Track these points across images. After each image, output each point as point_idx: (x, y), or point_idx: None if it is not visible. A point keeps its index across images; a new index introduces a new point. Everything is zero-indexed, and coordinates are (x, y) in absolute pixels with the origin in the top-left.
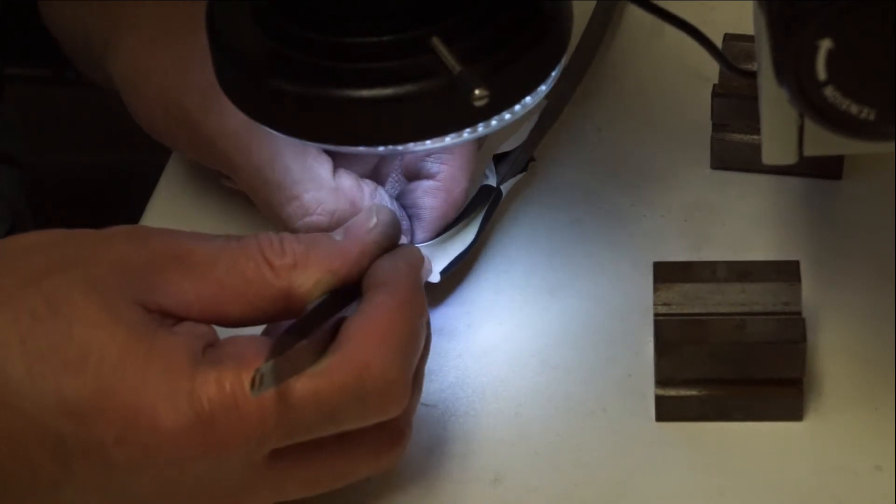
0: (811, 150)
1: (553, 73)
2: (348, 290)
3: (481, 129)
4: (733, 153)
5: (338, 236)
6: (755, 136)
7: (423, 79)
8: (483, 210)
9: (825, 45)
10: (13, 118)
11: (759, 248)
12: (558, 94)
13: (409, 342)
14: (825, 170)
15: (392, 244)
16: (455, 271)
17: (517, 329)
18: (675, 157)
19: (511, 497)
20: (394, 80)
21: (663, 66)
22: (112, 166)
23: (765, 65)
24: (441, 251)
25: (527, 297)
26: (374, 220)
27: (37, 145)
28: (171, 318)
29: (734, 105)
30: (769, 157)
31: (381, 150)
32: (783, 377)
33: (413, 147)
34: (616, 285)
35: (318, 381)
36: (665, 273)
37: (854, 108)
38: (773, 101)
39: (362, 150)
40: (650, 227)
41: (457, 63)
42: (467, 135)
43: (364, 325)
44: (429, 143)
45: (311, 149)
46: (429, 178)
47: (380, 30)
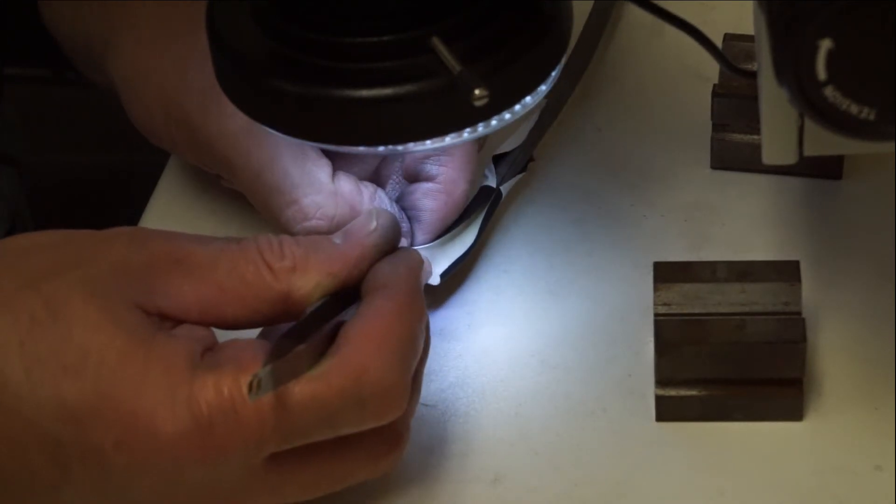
0: (811, 150)
1: (553, 73)
2: (347, 294)
3: (481, 129)
4: (733, 153)
5: (337, 239)
6: (755, 136)
7: (423, 79)
8: (483, 211)
9: (825, 45)
10: (13, 118)
11: (759, 248)
12: (558, 94)
13: (408, 346)
14: (825, 170)
15: (392, 247)
16: (455, 272)
17: (517, 329)
18: (675, 157)
19: (511, 497)
20: (394, 80)
21: (663, 66)
22: (112, 166)
23: (765, 65)
24: (441, 253)
25: (527, 297)
26: (374, 224)
27: (37, 145)
28: (169, 320)
29: (734, 105)
30: (769, 157)
31: (381, 150)
32: (783, 377)
33: (413, 147)
34: (616, 285)
35: (317, 385)
36: (665, 273)
37: (854, 108)
38: (773, 101)
39: (362, 150)
40: (650, 227)
41: (457, 63)
42: (467, 135)
43: (363, 329)
44: (429, 143)
45: (311, 152)
46: (429, 180)
47: (380, 30)
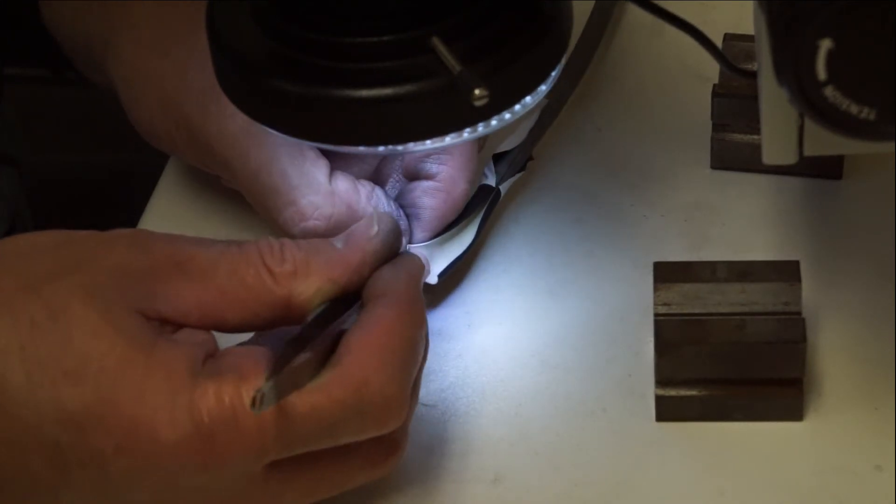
0: (811, 150)
1: (553, 73)
2: (348, 299)
3: (481, 129)
4: (733, 153)
5: (338, 243)
6: (755, 136)
7: (423, 79)
8: (482, 210)
9: (825, 45)
10: (13, 118)
11: (759, 248)
12: (558, 94)
13: (409, 356)
14: (825, 170)
15: (393, 252)
16: (454, 272)
17: (517, 329)
18: (675, 157)
19: (511, 497)
20: (394, 80)
21: (663, 66)
22: (112, 166)
23: (765, 65)
24: (440, 252)
25: (527, 297)
26: (376, 229)
27: (37, 145)
28: (170, 325)
29: (734, 105)
30: (769, 157)
31: (382, 150)
32: (783, 377)
33: (413, 147)
34: (616, 285)
35: (318, 396)
36: (665, 273)
37: (854, 108)
38: (773, 101)
39: (362, 150)
40: (650, 227)
41: (457, 63)
42: (467, 135)
43: (364, 339)
44: (429, 143)
45: (309, 153)
46: (429, 178)
47: (380, 30)
